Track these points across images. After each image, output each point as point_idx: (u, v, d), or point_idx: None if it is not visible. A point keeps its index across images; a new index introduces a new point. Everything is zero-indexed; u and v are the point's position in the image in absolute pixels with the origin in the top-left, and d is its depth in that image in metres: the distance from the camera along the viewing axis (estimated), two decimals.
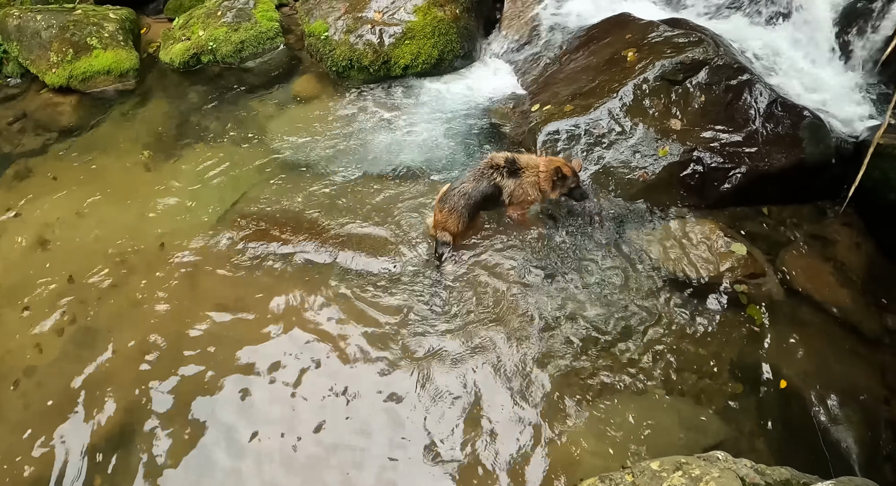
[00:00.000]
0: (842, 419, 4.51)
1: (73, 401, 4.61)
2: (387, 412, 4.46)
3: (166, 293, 5.21)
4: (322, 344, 4.82)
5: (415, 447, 4.29)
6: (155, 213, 5.95)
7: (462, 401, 4.50)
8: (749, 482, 3.23)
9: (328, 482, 4.15)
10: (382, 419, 4.42)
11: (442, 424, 4.39)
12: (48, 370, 4.80)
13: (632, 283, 5.09)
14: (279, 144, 6.53)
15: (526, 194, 5.24)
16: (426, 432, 4.36)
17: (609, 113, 5.79)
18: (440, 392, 4.55)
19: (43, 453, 4.35)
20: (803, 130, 5.62)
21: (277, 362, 4.74)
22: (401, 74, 7.00)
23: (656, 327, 4.88)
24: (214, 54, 7.43)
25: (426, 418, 4.42)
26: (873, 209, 5.51)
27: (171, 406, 4.54)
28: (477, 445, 4.29)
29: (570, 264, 5.22)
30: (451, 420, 4.41)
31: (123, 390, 4.64)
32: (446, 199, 5.21)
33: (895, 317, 5.09)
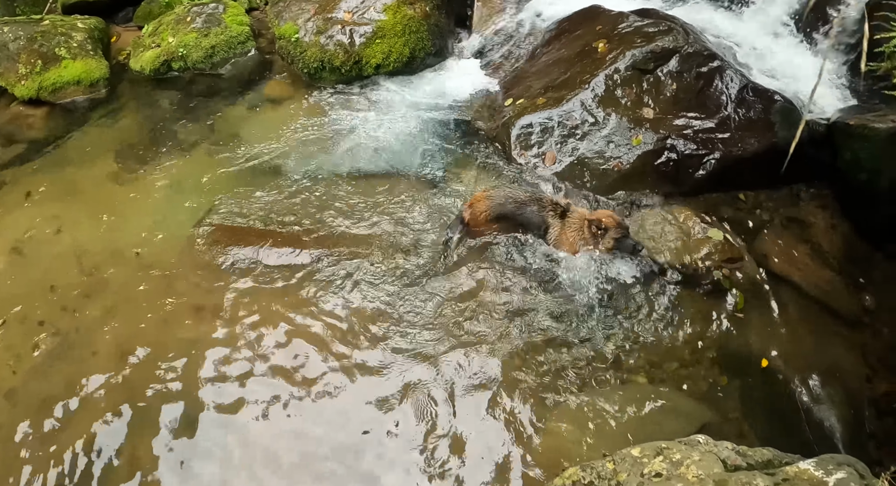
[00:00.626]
0: (824, 399, 4.54)
1: (50, 413, 4.53)
2: (369, 412, 4.44)
3: (143, 303, 5.14)
4: (304, 346, 4.78)
5: (396, 440, 4.28)
6: (129, 222, 5.87)
7: (443, 396, 4.49)
8: (731, 464, 3.22)
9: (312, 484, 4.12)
10: (365, 419, 4.39)
11: (423, 418, 4.38)
12: (24, 384, 4.72)
13: (611, 273, 5.08)
14: (253, 149, 6.47)
15: (570, 241, 5.09)
16: (407, 424, 4.34)
17: (581, 104, 5.79)
18: (421, 386, 4.53)
19: (23, 464, 4.28)
20: (775, 114, 5.64)
21: (257, 367, 4.69)
22: (373, 74, 6.97)
23: (637, 315, 4.89)
24: (185, 60, 7.37)
25: (407, 413, 4.40)
26: (847, 190, 5.54)
27: (152, 415, 4.48)
28: (460, 438, 4.28)
29: (548, 258, 5.20)
30: (432, 414, 4.40)
31: (103, 399, 4.58)
32: (494, 190, 5.31)
33: (873, 296, 5.11)
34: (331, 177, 6.04)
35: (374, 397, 4.49)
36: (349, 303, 5.01)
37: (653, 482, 3.09)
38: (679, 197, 5.57)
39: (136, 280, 5.32)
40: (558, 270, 5.12)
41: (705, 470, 3.08)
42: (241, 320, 4.98)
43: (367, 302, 5.01)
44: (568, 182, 5.64)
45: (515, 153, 5.81)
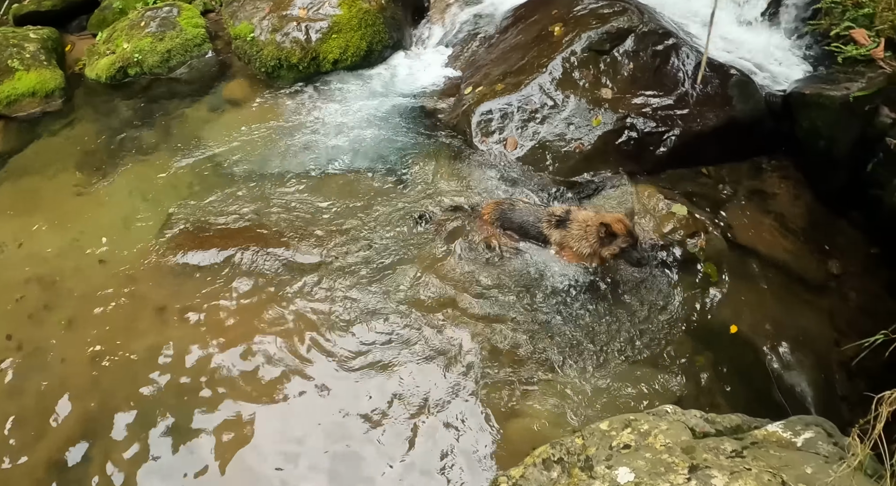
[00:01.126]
0: (794, 365, 4.57)
1: (21, 426, 4.48)
2: (340, 408, 4.40)
3: (109, 311, 5.07)
4: (270, 347, 4.73)
5: (368, 434, 4.25)
6: (92, 232, 5.78)
7: (416, 380, 4.49)
8: (699, 432, 3.22)
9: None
10: (337, 416, 4.37)
11: (397, 403, 4.37)
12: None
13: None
14: (214, 151, 6.40)
15: (573, 250, 4.87)
16: (378, 417, 4.31)
17: (540, 88, 5.79)
18: (392, 370, 4.53)
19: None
20: (732, 87, 5.68)
21: (224, 370, 4.64)
22: (331, 69, 6.91)
23: (607, 294, 4.87)
24: (141, 66, 7.27)
25: (378, 407, 4.38)
26: (807, 159, 5.59)
27: (126, 421, 4.43)
28: (433, 421, 4.27)
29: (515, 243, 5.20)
30: (406, 400, 4.39)
31: (73, 407, 4.53)
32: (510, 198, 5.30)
33: (839, 262, 5.16)
34: (293, 176, 5.98)
35: (344, 394, 4.46)
36: (314, 302, 4.96)
37: (621, 454, 3.08)
38: (642, 175, 5.58)
39: (101, 289, 5.23)
40: (526, 251, 5.10)
41: (673, 439, 3.08)
42: (207, 323, 4.92)
43: (332, 300, 4.95)
44: (531, 166, 5.62)
45: (477, 140, 5.80)
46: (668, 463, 2.92)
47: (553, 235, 4.95)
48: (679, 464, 2.89)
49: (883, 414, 2.49)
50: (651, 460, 2.97)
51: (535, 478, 3.19)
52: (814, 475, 2.82)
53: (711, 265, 5.05)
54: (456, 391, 4.44)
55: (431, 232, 5.27)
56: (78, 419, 4.48)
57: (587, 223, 4.70)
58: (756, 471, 2.79)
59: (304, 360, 4.64)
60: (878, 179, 5.14)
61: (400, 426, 4.28)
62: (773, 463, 2.88)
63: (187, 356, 4.73)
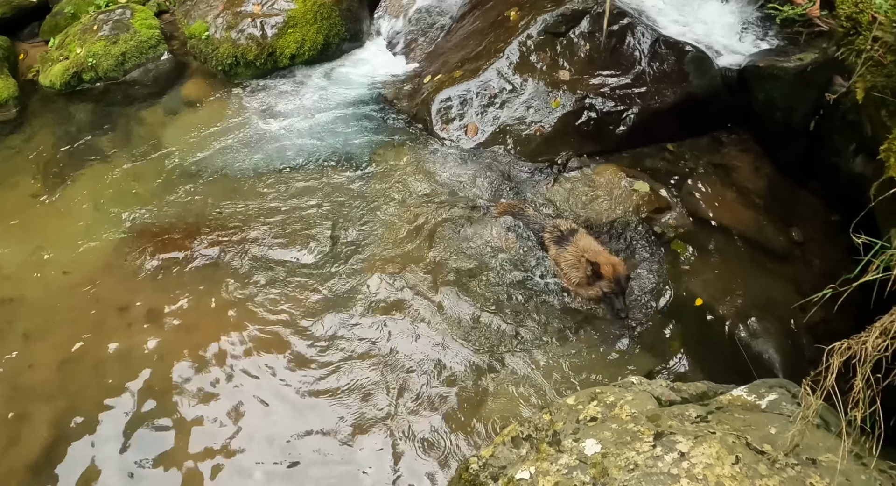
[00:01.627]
0: (761, 333, 4.61)
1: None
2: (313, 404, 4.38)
3: (73, 318, 4.99)
4: (237, 346, 4.70)
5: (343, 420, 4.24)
6: (54, 241, 5.68)
7: (386, 368, 4.48)
8: (665, 400, 3.24)
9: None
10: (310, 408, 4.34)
11: (367, 393, 4.36)
12: None
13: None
14: (174, 153, 6.32)
15: (563, 273, 4.73)
16: (351, 406, 4.30)
17: (498, 73, 5.79)
18: (360, 365, 4.51)
19: None
20: (688, 64, 5.71)
21: (193, 368, 4.60)
22: (289, 64, 6.86)
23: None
24: (96, 71, 7.15)
25: (350, 395, 4.36)
26: (766, 131, 5.65)
27: (95, 428, 4.37)
28: (405, 407, 4.27)
29: (480, 226, 5.19)
30: (376, 388, 4.38)
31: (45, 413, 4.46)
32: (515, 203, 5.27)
33: (800, 231, 5.21)
34: (254, 173, 5.94)
35: (315, 388, 4.42)
36: (277, 299, 4.93)
37: (588, 426, 3.09)
38: (604, 155, 5.62)
39: (63, 296, 5.16)
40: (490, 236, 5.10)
41: (638, 408, 3.09)
42: (172, 325, 4.87)
43: (296, 298, 4.93)
44: (493, 151, 5.62)
45: (437, 128, 5.78)
46: (634, 432, 2.93)
47: (551, 248, 4.84)
48: (644, 432, 2.90)
49: (834, 365, 2.51)
50: (617, 430, 2.98)
51: (505, 456, 3.19)
52: (777, 434, 2.85)
53: (680, 242, 5.08)
54: (428, 380, 4.43)
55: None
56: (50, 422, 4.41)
57: (584, 253, 4.53)
58: (720, 434, 2.81)
59: (268, 357, 4.60)
60: (834, 147, 5.18)
61: (372, 417, 4.25)
62: (736, 426, 2.90)
63: (153, 359, 4.68)
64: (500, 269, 4.97)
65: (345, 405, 4.32)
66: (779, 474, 2.64)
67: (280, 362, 4.58)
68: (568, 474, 2.84)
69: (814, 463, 2.72)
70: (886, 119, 2.93)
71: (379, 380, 4.42)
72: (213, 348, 4.69)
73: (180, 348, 4.73)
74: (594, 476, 2.78)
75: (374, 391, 4.39)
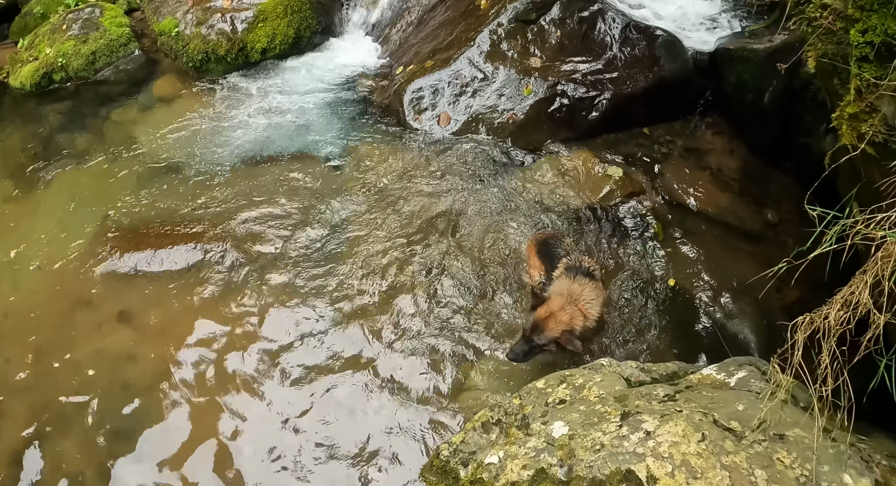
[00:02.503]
0: (737, 313, 4.63)
1: None
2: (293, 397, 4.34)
3: (49, 318, 4.93)
4: (213, 342, 4.64)
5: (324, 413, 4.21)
6: (26, 243, 5.60)
7: (361, 363, 4.43)
8: (634, 381, 3.23)
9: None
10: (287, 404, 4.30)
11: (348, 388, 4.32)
12: None
13: (517, 221, 5.06)
14: (148, 150, 6.27)
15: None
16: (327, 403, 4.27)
17: (469, 62, 5.77)
18: (340, 359, 4.47)
19: None
20: (659, 48, 5.71)
21: (165, 369, 4.54)
22: (260, 59, 6.81)
23: None
24: (66, 70, 7.07)
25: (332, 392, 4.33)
26: (738, 114, 5.65)
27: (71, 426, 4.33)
28: (383, 399, 4.25)
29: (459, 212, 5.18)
30: (351, 386, 4.33)
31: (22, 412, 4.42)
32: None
33: (774, 211, 5.23)
34: (228, 169, 5.88)
35: (297, 384, 4.38)
36: (253, 294, 4.88)
37: (557, 409, 3.08)
38: (577, 141, 5.60)
39: (39, 295, 5.10)
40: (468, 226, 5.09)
41: (607, 389, 3.09)
42: (147, 324, 4.81)
43: (272, 292, 4.88)
44: (465, 140, 5.59)
45: (410, 119, 5.76)
46: (602, 413, 2.92)
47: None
48: (611, 413, 2.89)
49: (799, 340, 2.51)
50: (585, 412, 2.97)
51: (475, 441, 3.18)
52: (745, 411, 2.84)
53: (657, 224, 5.08)
54: (410, 371, 4.40)
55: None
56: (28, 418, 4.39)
57: (560, 292, 4.11)
58: (687, 412, 2.80)
59: (246, 352, 4.55)
60: (805, 128, 5.19)
61: (353, 406, 4.23)
62: (704, 404, 2.89)
63: (125, 357, 4.62)
64: (477, 244, 4.96)
65: (320, 395, 4.29)
66: (745, 450, 2.64)
67: (255, 357, 4.54)
68: (536, 456, 2.83)
69: (781, 439, 2.71)
70: (839, 87, 2.92)
71: (360, 379, 4.37)
72: (186, 344, 4.64)
73: (153, 344, 4.68)
74: (561, 458, 2.77)
75: (348, 380, 4.35)
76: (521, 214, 5.11)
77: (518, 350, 4.01)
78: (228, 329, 4.72)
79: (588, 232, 5.04)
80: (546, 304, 4.01)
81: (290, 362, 4.48)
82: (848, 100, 2.72)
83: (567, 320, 3.94)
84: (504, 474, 2.84)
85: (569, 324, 3.93)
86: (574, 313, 3.98)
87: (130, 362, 4.63)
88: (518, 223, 5.05)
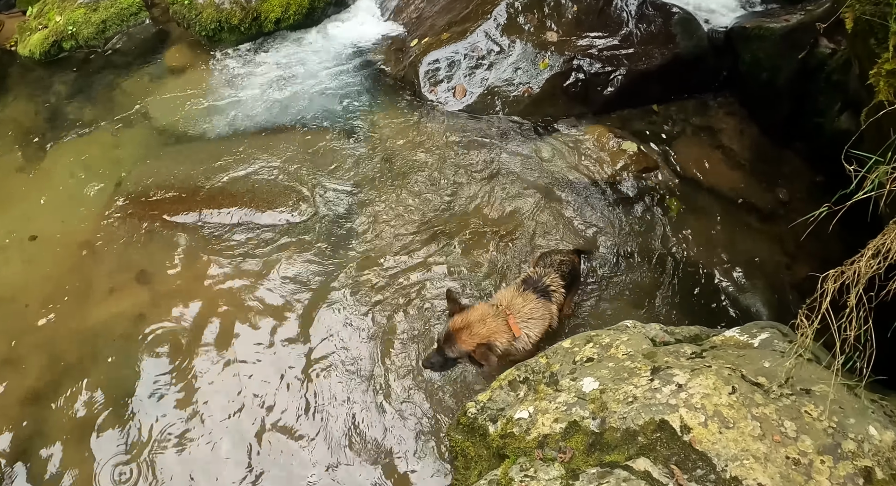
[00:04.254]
0: (749, 288, 4.68)
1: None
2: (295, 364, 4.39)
3: (64, 284, 4.95)
4: (230, 312, 4.67)
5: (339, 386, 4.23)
6: (38, 209, 5.62)
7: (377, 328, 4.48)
8: (659, 341, 3.28)
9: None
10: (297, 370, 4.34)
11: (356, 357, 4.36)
12: None
13: (531, 195, 5.09)
14: (158, 120, 6.26)
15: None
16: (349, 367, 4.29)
17: (486, 35, 5.77)
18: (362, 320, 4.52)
19: None
20: (675, 25, 5.73)
21: (180, 330, 4.57)
22: (274, 29, 6.78)
23: (560, 228, 4.91)
24: (76, 39, 7.03)
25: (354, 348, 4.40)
26: (751, 93, 5.69)
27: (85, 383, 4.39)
28: (403, 359, 4.29)
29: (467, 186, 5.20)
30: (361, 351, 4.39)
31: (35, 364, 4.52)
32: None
33: (785, 190, 5.27)
34: (240, 138, 5.89)
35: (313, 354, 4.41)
36: (266, 261, 4.92)
37: (585, 367, 3.12)
38: (591, 116, 5.63)
39: (51, 262, 5.10)
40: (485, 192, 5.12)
41: (634, 348, 3.13)
42: (162, 289, 4.84)
43: (286, 260, 4.91)
44: (481, 113, 5.61)
45: (426, 90, 5.76)
46: (631, 369, 2.96)
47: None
48: (641, 368, 2.94)
49: (829, 290, 2.55)
50: (614, 368, 3.01)
51: (503, 399, 3.21)
52: (771, 368, 2.90)
53: (675, 201, 5.11)
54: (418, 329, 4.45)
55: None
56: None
57: (493, 302, 3.78)
58: (716, 368, 2.85)
59: (257, 320, 4.59)
60: (818, 108, 5.23)
61: (386, 371, 4.28)
62: (731, 360, 2.94)
63: (141, 323, 4.65)
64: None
65: (341, 359, 4.33)
66: (774, 403, 2.69)
67: (269, 321, 4.56)
68: (567, 410, 2.87)
69: (807, 393, 2.77)
70: (875, 47, 2.97)
71: (365, 343, 4.40)
72: (198, 310, 4.67)
73: (166, 306, 4.71)
74: (593, 411, 2.82)
75: (361, 354, 4.37)
76: (535, 186, 5.14)
77: (434, 360, 3.65)
78: (240, 294, 4.74)
79: (601, 205, 5.08)
80: (464, 313, 3.62)
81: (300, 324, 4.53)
82: (886, 57, 2.77)
83: (485, 333, 3.53)
84: (535, 427, 2.88)
85: (486, 337, 3.51)
86: (498, 327, 3.56)
87: (142, 321, 4.65)
88: (533, 197, 5.08)
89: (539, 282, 3.84)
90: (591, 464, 2.66)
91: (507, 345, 3.57)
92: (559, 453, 2.74)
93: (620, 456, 2.64)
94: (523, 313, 3.65)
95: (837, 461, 2.52)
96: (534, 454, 2.79)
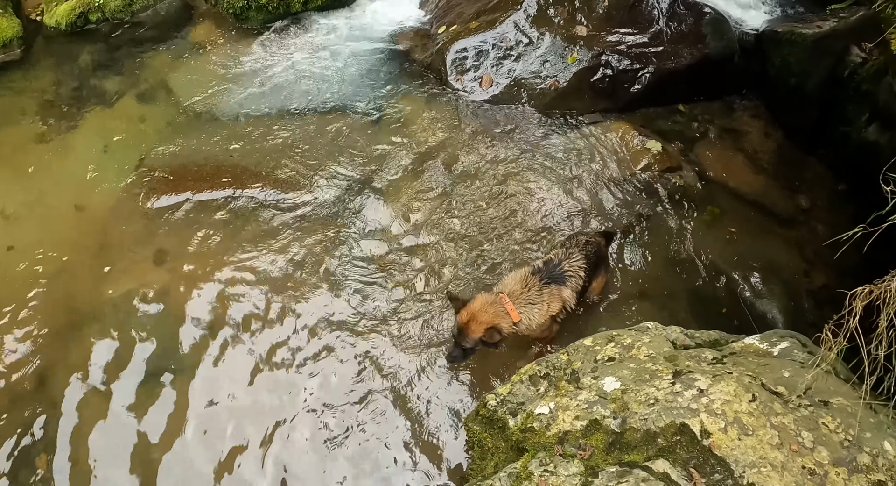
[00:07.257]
0: (765, 294, 4.70)
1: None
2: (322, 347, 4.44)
3: (85, 258, 4.99)
4: (249, 290, 4.71)
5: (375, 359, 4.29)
6: (61, 181, 5.65)
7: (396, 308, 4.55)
8: (679, 344, 3.31)
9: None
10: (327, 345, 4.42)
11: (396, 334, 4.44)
12: None
13: (551, 189, 5.11)
14: (183, 96, 6.26)
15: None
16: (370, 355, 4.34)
17: (515, 25, 5.76)
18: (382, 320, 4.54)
19: None
20: (706, 25, 5.70)
21: (201, 307, 4.63)
22: (301, 10, 6.75)
23: (578, 224, 4.93)
24: (103, 11, 7.03)
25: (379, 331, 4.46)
26: (778, 97, 5.67)
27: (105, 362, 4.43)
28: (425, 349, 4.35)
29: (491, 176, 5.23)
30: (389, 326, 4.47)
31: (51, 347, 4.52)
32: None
33: (807, 197, 5.28)
34: (266, 117, 5.91)
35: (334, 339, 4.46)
36: (288, 241, 4.96)
37: (606, 366, 3.15)
38: (616, 113, 5.63)
39: (71, 236, 5.15)
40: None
41: (656, 350, 3.16)
42: (183, 266, 4.88)
43: (308, 241, 4.95)
44: (507, 104, 5.61)
45: (452, 79, 5.76)
46: (653, 371, 3.00)
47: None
48: (663, 371, 2.97)
49: (857, 307, 2.58)
50: (636, 369, 3.05)
51: (523, 393, 3.26)
52: (790, 378, 2.93)
53: (714, 208, 5.09)
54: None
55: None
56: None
57: (498, 290, 3.97)
58: (737, 375, 2.88)
59: (282, 298, 4.63)
60: (846, 116, 5.23)
61: (410, 356, 4.35)
62: (751, 368, 2.97)
63: (163, 297, 4.71)
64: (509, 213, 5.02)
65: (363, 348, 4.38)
66: (792, 412, 2.73)
67: (292, 303, 4.61)
68: (588, 408, 2.91)
69: (825, 405, 2.80)
70: None
71: (389, 326, 4.46)
72: (222, 289, 4.71)
73: (189, 286, 4.76)
74: (614, 410, 2.86)
75: (386, 330, 4.43)
76: (557, 180, 5.16)
77: (455, 354, 3.89)
78: (263, 270, 4.80)
79: (622, 202, 5.09)
80: (467, 306, 3.81)
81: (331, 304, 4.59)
82: None
83: (488, 318, 3.72)
84: (556, 423, 2.92)
85: (490, 322, 3.70)
86: (497, 313, 3.75)
87: (163, 296, 4.72)
88: (554, 190, 5.10)
89: (555, 268, 3.98)
90: (610, 462, 2.71)
91: (510, 328, 3.78)
92: (579, 450, 2.79)
93: (640, 456, 2.68)
94: (523, 298, 3.84)
95: (852, 473, 2.56)
96: (553, 450, 2.83)
